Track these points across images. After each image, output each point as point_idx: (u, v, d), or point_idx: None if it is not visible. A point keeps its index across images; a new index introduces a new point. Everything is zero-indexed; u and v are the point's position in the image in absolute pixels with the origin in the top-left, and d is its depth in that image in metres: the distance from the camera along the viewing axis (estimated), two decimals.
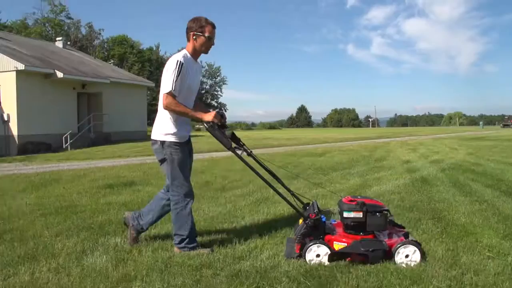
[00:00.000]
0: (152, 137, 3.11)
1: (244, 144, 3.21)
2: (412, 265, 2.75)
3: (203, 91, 64.60)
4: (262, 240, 3.34)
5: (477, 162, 9.36)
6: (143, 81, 25.99)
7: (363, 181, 6.63)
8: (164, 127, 3.04)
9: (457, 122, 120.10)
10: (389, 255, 2.80)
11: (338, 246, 2.86)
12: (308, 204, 3.28)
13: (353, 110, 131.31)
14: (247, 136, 31.95)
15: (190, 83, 3.05)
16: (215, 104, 67.41)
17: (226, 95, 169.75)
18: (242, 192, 5.65)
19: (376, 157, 11.11)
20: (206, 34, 3.04)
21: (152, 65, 53.13)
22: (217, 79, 69.12)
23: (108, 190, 6.15)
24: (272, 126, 72.47)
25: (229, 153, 3.09)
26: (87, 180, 7.39)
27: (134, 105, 22.88)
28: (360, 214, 2.89)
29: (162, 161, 3.10)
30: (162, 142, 3.04)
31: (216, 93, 69.49)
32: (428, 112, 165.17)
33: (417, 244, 2.80)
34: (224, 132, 3.02)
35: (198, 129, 31.84)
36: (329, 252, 2.82)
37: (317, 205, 3.12)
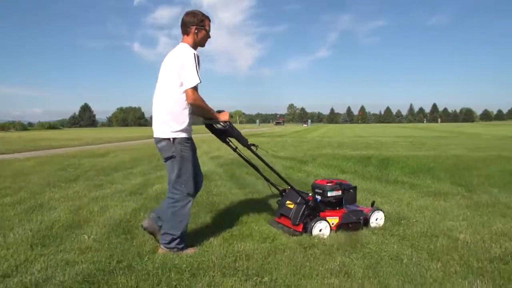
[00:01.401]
0: (159, 135, 3.16)
1: (230, 141, 3.61)
2: (380, 224, 3.88)
3: None
4: (34, 251, 3.18)
5: (253, 156, 10.94)
6: None
7: (145, 180, 6.89)
8: (174, 124, 3.11)
9: (237, 120, 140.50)
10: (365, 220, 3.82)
11: (331, 220, 3.68)
12: (284, 190, 4.02)
13: (139, 108, 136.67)
14: (21, 137, 27.82)
15: None
16: None
17: None
18: (12, 200, 5.18)
19: (159, 155, 11.55)
20: (207, 28, 3.28)
21: None
22: None
23: None
24: (52, 126, 73.00)
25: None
26: None
27: None
28: (340, 192, 3.85)
29: (169, 158, 3.17)
30: (173, 139, 3.11)
31: None
32: None
33: (381, 210, 4.02)
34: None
35: None
36: (328, 226, 3.62)
37: (298, 190, 3.79)
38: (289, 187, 3.89)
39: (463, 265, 2.88)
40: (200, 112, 3.25)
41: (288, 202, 3.85)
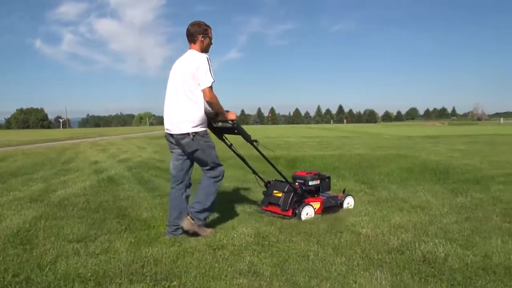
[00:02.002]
0: (180, 131, 3.61)
1: (226, 138, 4.25)
2: (351, 207, 4.80)
3: None
4: None
5: (162, 159, 10.93)
6: None
7: (47, 186, 6.54)
8: (194, 120, 3.60)
9: (147, 122, 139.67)
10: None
11: (314, 205, 4.47)
12: (269, 182, 4.68)
13: (42, 109, 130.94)
14: None
15: None
16: None
17: None
18: None
19: (64, 159, 11.31)
20: (210, 36, 3.87)
21: None
22: None
23: None
24: None
25: None
26: None
27: None
28: (318, 181, 4.68)
29: (194, 152, 3.66)
30: (194, 134, 3.59)
31: None
32: (120, 112, 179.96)
33: (351, 195, 4.99)
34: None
35: None
36: (313, 210, 4.40)
37: (288, 180, 4.51)
38: (273, 179, 4.70)
39: (365, 258, 3.13)
40: (214, 109, 3.74)
41: (275, 191, 4.52)
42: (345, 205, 4.81)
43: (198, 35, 3.80)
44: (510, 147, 13.47)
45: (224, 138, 4.25)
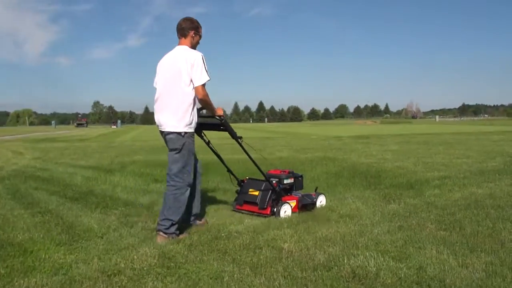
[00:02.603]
0: (168, 128, 4.33)
1: (205, 135, 5.05)
2: (323, 205, 5.57)
3: None
4: None
5: (45, 167, 10.50)
6: None
7: None
8: (183, 119, 4.29)
9: (27, 121, 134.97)
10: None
11: (292, 203, 5.20)
12: (243, 180, 5.48)
13: None
14: None
15: None
16: None
17: None
18: None
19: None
20: (200, 34, 4.61)
21: None
22: None
23: None
24: None
25: None
26: None
27: None
28: (292, 180, 5.46)
29: (174, 150, 4.35)
30: (181, 133, 4.30)
31: None
32: None
33: (324, 193, 5.77)
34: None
35: None
36: (290, 208, 5.14)
37: (268, 178, 5.21)
38: (247, 177, 5.54)
39: (287, 276, 3.22)
40: (205, 107, 4.53)
41: (251, 190, 5.22)
42: (318, 204, 5.53)
43: (190, 30, 4.51)
44: (445, 147, 14.78)
45: (202, 134, 5.00)
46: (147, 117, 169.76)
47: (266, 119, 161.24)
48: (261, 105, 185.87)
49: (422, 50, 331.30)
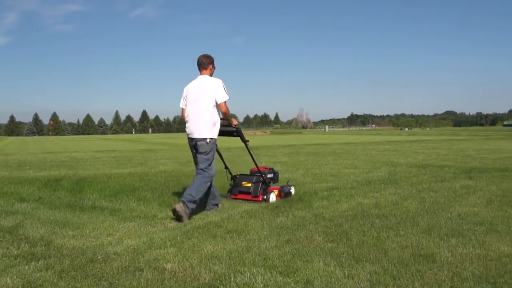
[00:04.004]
0: (200, 135, 6.19)
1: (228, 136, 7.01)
2: (293, 194, 7.53)
3: None
4: None
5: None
6: None
7: None
8: (211, 129, 6.20)
9: None
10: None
11: (275, 192, 7.17)
12: (235, 176, 7.46)
13: None
14: None
15: None
16: None
17: None
18: None
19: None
20: (215, 66, 6.59)
21: None
22: None
23: None
24: None
25: None
26: None
27: None
28: (272, 175, 7.37)
29: (203, 153, 6.21)
30: (209, 139, 6.20)
31: None
32: None
33: (293, 185, 7.79)
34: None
35: None
36: (274, 195, 7.13)
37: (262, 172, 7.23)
38: (238, 173, 7.51)
39: None
40: (225, 118, 6.40)
41: (244, 182, 7.21)
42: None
43: (209, 64, 6.45)
44: (334, 158, 15.66)
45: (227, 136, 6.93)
46: (13, 128, 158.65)
47: (150, 130, 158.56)
48: (144, 114, 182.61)
49: (313, 59, 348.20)
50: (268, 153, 19.05)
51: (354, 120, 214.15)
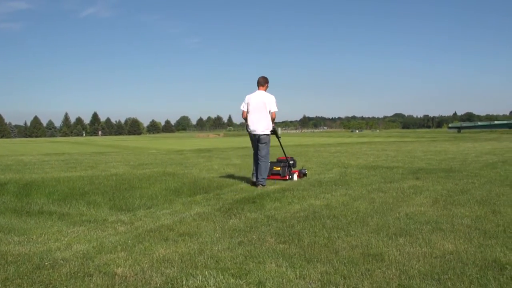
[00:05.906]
0: (262, 132, 9.14)
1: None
2: (307, 175, 10.77)
3: None
4: None
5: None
6: None
7: None
8: (268, 127, 9.21)
9: None
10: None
11: (296, 174, 10.27)
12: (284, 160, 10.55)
13: None
14: None
15: None
16: None
17: None
18: None
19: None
20: (268, 83, 9.53)
21: None
22: None
23: None
24: None
25: None
26: None
27: None
28: (293, 162, 10.63)
29: (264, 143, 9.18)
30: (267, 134, 9.22)
31: None
32: None
33: (306, 169, 11.26)
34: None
35: None
36: (297, 176, 10.23)
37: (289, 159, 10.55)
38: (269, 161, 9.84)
39: None
40: (272, 122, 9.28)
41: (274, 167, 9.98)
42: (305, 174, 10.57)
43: (266, 83, 9.31)
44: None
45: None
46: None
47: (100, 132, 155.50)
48: (95, 116, 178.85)
49: (267, 61, 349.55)
50: (221, 155, 19.04)
51: (306, 122, 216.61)
